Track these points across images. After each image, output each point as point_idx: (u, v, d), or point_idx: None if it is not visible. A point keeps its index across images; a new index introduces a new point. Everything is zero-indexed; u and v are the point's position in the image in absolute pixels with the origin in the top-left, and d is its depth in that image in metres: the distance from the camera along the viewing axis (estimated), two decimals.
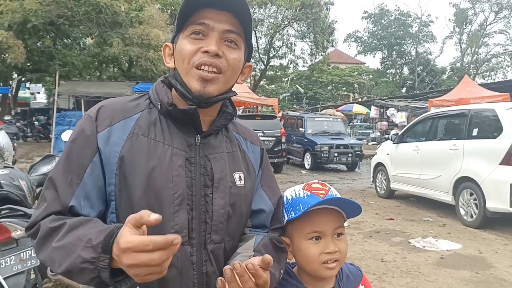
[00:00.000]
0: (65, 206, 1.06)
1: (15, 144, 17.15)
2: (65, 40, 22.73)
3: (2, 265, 2.51)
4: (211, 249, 1.12)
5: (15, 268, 2.55)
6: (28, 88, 22.05)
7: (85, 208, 1.07)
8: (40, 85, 19.97)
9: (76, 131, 1.13)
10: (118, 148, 1.10)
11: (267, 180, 1.33)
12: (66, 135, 4.43)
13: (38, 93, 25.07)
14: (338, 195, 1.21)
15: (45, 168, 3.66)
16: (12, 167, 3.22)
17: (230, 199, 1.16)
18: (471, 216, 7.07)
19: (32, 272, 2.85)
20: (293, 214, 1.20)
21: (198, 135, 1.16)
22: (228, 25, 1.11)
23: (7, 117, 18.03)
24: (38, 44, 18.33)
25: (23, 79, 20.00)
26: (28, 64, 18.61)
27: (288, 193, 1.25)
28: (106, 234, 0.93)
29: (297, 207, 1.19)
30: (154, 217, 0.88)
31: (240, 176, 1.21)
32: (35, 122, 23.40)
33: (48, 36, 19.04)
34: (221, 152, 1.20)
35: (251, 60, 1.29)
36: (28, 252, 2.60)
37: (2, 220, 2.59)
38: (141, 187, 1.07)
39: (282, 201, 1.31)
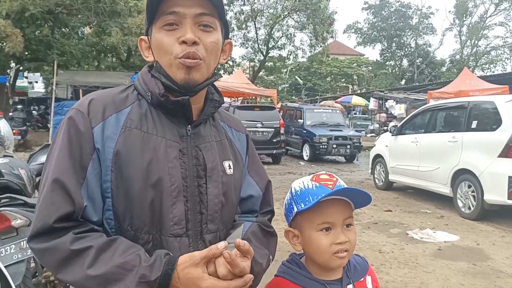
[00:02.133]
0: (80, 207, 1.02)
1: (29, 128, 17.71)
2: (63, 29, 22.54)
3: (2, 253, 2.52)
4: (208, 239, 1.13)
5: (15, 256, 2.56)
6: (26, 77, 21.92)
7: (93, 212, 1.05)
8: (38, 74, 19.83)
9: (68, 127, 1.07)
10: (112, 144, 1.07)
11: (254, 166, 1.34)
12: None
13: (36, 82, 24.95)
14: (346, 186, 1.22)
15: (44, 158, 3.65)
16: (12, 156, 3.22)
17: (222, 188, 1.17)
18: (469, 208, 7.10)
19: (32, 260, 2.86)
20: (302, 206, 1.19)
21: (189, 126, 1.16)
22: (199, 8, 1.09)
23: (18, 106, 19.64)
24: (36, 33, 18.19)
25: (21, 68, 19.87)
26: (26, 53, 18.47)
27: (297, 185, 1.25)
28: (164, 271, 0.96)
29: (307, 199, 1.18)
30: (221, 246, 0.97)
31: (229, 164, 1.22)
32: (33, 112, 23.30)
33: (46, 25, 18.89)
34: (210, 141, 1.20)
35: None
36: None
37: (2, 209, 2.60)
38: (140, 181, 1.06)
39: (271, 185, 1.36)
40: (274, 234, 1.31)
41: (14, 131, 17.68)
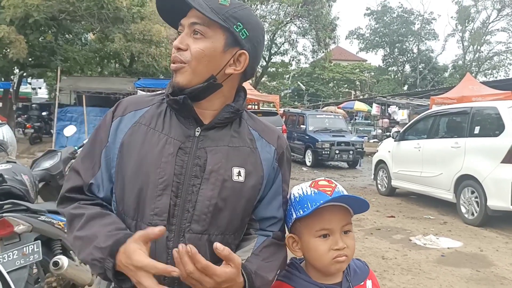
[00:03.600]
0: (86, 183, 1.22)
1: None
2: (66, 36, 22.66)
3: (5, 259, 2.51)
4: (188, 237, 1.15)
5: (17, 262, 2.55)
6: (30, 84, 22.02)
7: (100, 190, 1.24)
8: (41, 80, 19.94)
9: (101, 121, 1.30)
10: (121, 135, 1.22)
11: (286, 187, 1.32)
12: (68, 131, 4.43)
13: (40, 88, 25.08)
14: (345, 192, 1.23)
15: (47, 163, 3.65)
16: (15, 162, 3.22)
17: (221, 192, 1.17)
18: (472, 214, 7.07)
19: (34, 266, 2.86)
20: (301, 212, 1.20)
21: (199, 127, 1.21)
22: (193, 18, 1.19)
23: (33, 105, 22.63)
24: (39, 39, 18.28)
25: (24, 74, 19.94)
26: (30, 59, 18.54)
27: (295, 191, 1.26)
28: (114, 240, 1.09)
29: (305, 205, 1.19)
30: (157, 229, 1.05)
31: (240, 171, 1.20)
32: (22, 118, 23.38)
33: (50, 31, 18.98)
34: (221, 146, 1.21)
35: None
36: (31, 247, 2.60)
37: (5, 214, 2.60)
38: (132, 170, 1.18)
39: (287, 201, 1.31)
40: (285, 246, 1.32)
41: (27, 125, 19.51)
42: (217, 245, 1.05)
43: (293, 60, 36.93)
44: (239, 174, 1.20)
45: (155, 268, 1.01)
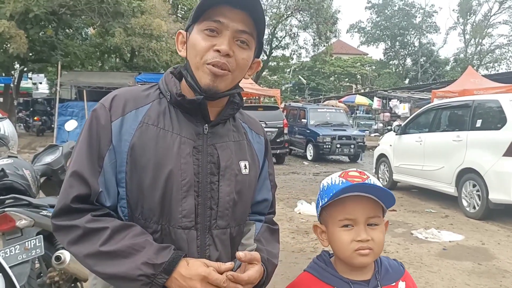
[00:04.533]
0: (96, 191, 1.12)
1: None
2: (67, 30, 22.64)
3: (7, 254, 2.52)
4: (216, 234, 1.19)
5: (19, 257, 2.56)
6: (30, 79, 22.03)
7: (107, 198, 1.15)
8: (42, 75, 19.90)
9: (91, 120, 1.17)
10: (129, 137, 1.15)
11: (271, 170, 1.41)
12: (69, 125, 4.43)
13: (40, 83, 25.06)
14: (378, 183, 1.18)
15: (48, 158, 3.66)
16: (16, 157, 3.22)
17: (236, 186, 1.22)
18: (474, 208, 7.07)
19: (36, 261, 2.87)
20: (325, 200, 1.20)
21: (206, 124, 1.21)
22: (241, 25, 1.15)
23: (39, 99, 24.36)
24: (40, 34, 18.26)
25: (25, 69, 19.94)
26: (30, 54, 18.55)
27: (325, 181, 1.24)
28: (171, 258, 1.07)
29: (330, 194, 1.18)
30: (226, 267, 1.08)
31: (245, 164, 1.27)
32: (30, 113, 23.49)
33: (50, 26, 18.96)
34: (228, 141, 1.25)
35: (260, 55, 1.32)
36: (33, 242, 2.60)
37: (6, 209, 2.60)
38: (151, 174, 1.13)
39: (275, 184, 1.43)
40: (278, 229, 1.44)
41: (36, 117, 20.70)
42: (240, 254, 1.10)
43: (294, 54, 36.89)
44: (245, 167, 1.27)
45: (227, 283, 1.05)
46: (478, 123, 7.28)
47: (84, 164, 1.13)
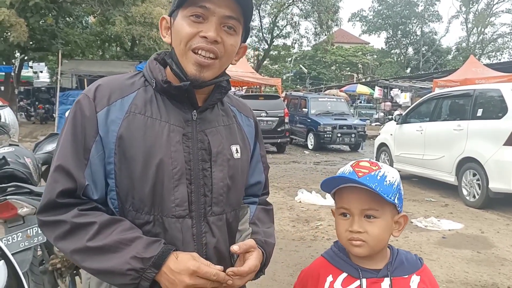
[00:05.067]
0: (82, 185, 1.09)
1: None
2: (67, 19, 22.54)
3: (9, 241, 2.54)
4: (212, 221, 1.18)
5: (22, 244, 2.58)
6: (31, 67, 21.99)
7: (94, 191, 1.12)
8: (43, 64, 19.87)
9: (75, 111, 1.13)
10: (116, 127, 1.12)
11: (263, 152, 1.41)
12: None
13: (41, 72, 25.03)
14: (388, 178, 1.17)
15: (49, 146, 3.66)
16: (18, 145, 3.23)
17: (228, 171, 1.21)
18: (474, 197, 7.09)
19: (38, 248, 2.89)
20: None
21: (195, 111, 1.19)
22: (228, 11, 1.12)
23: (43, 88, 24.59)
24: (40, 22, 18.17)
25: (25, 58, 19.89)
26: (31, 42, 18.47)
27: (341, 168, 1.25)
28: (160, 252, 1.05)
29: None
30: (221, 277, 1.06)
31: (237, 148, 1.26)
32: (36, 102, 23.58)
33: (50, 14, 18.86)
34: (217, 126, 1.24)
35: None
36: (35, 229, 2.62)
37: (8, 197, 2.61)
38: (141, 164, 1.11)
39: (268, 166, 1.44)
40: (272, 209, 1.44)
41: (39, 105, 21.31)
42: (234, 248, 1.12)
43: (295, 43, 36.74)
44: (237, 151, 1.25)
45: (217, 276, 1.04)
46: (479, 112, 7.28)
47: (68, 158, 1.09)
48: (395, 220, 1.22)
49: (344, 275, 1.21)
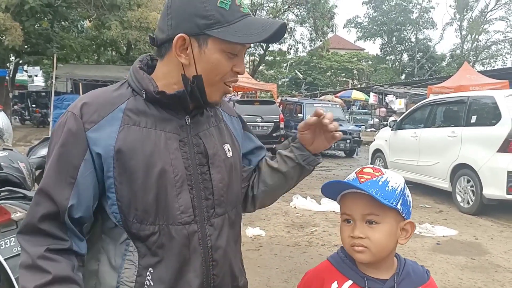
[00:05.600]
0: (64, 208, 1.07)
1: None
2: (62, 23, 22.47)
3: (2, 246, 2.52)
4: (216, 222, 1.19)
5: (15, 249, 2.56)
6: (26, 71, 21.96)
7: (78, 210, 1.09)
8: (37, 68, 19.86)
9: (62, 131, 1.11)
10: (112, 142, 1.10)
11: (246, 126, 1.47)
12: None
13: (36, 76, 25.00)
14: (391, 184, 1.16)
15: (44, 151, 3.64)
16: (12, 149, 3.21)
17: (225, 171, 1.23)
18: (468, 203, 7.12)
19: None
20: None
21: (187, 116, 1.19)
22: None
23: (43, 93, 24.35)
24: (35, 26, 18.15)
25: (20, 61, 19.85)
26: (26, 46, 18.43)
27: (347, 177, 1.25)
28: None
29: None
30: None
31: (228, 147, 1.27)
32: (33, 106, 23.50)
33: (45, 18, 18.84)
34: (209, 128, 1.25)
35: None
36: None
37: (1, 202, 2.60)
38: (142, 175, 1.10)
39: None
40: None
41: (36, 110, 21.29)
42: (318, 112, 1.27)
43: (290, 49, 36.80)
44: (228, 150, 1.27)
45: None
46: (473, 119, 7.32)
47: (52, 180, 1.08)
48: (401, 227, 1.19)
49: (350, 282, 1.19)
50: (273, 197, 1.46)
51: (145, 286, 1.11)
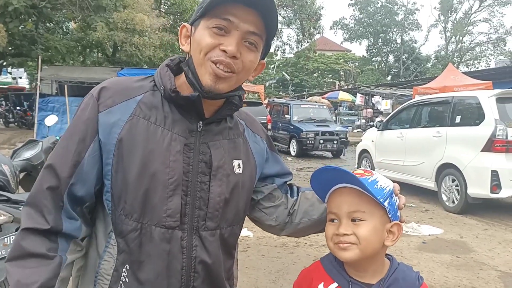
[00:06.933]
0: (66, 183, 1.08)
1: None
2: (47, 24, 22.24)
3: None
4: (204, 235, 1.14)
5: (2, 252, 2.53)
6: (10, 73, 21.64)
7: (80, 188, 1.10)
8: (22, 69, 19.54)
9: (79, 110, 1.14)
10: (117, 130, 1.10)
11: (272, 147, 1.41)
12: (49, 120, 4.37)
13: (20, 78, 24.67)
14: (379, 183, 1.16)
15: (28, 153, 3.60)
16: None
17: (228, 187, 1.18)
18: (453, 202, 7.21)
19: None
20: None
21: (201, 122, 1.16)
22: (252, 26, 1.10)
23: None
24: (19, 28, 17.91)
25: (4, 63, 19.56)
26: (10, 48, 18.19)
27: None
28: None
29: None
30: None
31: (239, 163, 1.22)
32: (18, 108, 23.18)
33: (30, 19, 18.60)
34: (221, 140, 1.20)
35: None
36: (12, 237, 2.58)
37: None
38: (137, 169, 1.09)
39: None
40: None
41: (27, 112, 21.40)
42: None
43: (278, 50, 36.94)
44: (238, 166, 1.22)
45: None
46: (458, 119, 7.42)
47: (59, 157, 1.10)
48: (387, 228, 1.17)
49: (335, 285, 1.18)
50: (307, 231, 1.43)
51: (121, 282, 1.11)
